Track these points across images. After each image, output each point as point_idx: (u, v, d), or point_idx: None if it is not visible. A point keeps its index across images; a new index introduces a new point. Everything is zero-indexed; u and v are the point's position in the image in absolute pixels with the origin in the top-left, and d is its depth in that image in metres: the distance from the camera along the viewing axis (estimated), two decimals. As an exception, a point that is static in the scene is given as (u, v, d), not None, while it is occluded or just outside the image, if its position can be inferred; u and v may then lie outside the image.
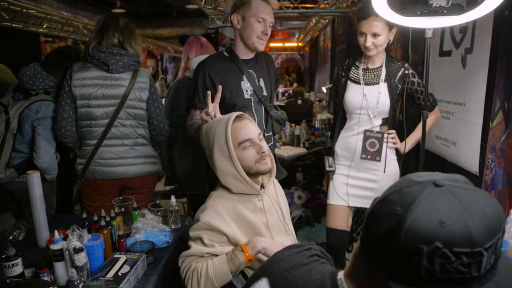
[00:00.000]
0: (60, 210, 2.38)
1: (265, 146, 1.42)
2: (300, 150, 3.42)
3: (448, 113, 2.26)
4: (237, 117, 1.43)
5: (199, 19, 8.94)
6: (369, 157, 2.02)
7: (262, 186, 1.49)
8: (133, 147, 2.09)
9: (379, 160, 2.02)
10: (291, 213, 3.48)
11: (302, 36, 9.27)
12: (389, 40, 1.96)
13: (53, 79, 2.20)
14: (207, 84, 1.86)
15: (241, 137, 1.37)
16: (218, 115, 1.60)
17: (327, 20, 6.25)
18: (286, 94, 7.98)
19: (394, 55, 3.18)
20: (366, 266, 0.64)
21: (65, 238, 1.32)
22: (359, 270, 0.68)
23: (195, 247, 1.34)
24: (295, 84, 8.66)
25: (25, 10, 5.21)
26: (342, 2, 4.19)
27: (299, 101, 5.14)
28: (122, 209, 1.71)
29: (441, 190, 0.57)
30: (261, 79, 1.96)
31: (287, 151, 3.37)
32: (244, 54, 1.92)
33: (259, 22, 1.82)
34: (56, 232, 1.34)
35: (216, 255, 1.34)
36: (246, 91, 1.90)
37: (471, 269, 0.54)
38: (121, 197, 1.78)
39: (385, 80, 2.00)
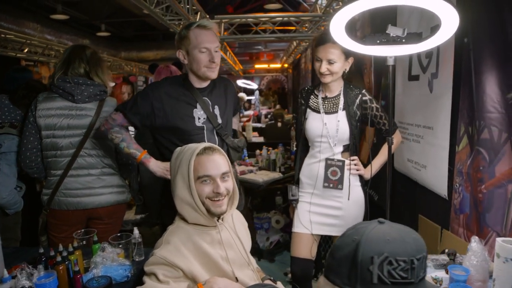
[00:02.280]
0: (26, 242, 2.30)
1: (223, 188, 1.38)
2: (276, 175, 3.42)
3: (418, 137, 2.28)
4: (208, 149, 1.40)
5: (184, 42, 9.03)
6: (331, 185, 2.01)
7: (219, 218, 1.45)
8: (99, 177, 2.06)
9: (341, 188, 2.00)
10: (268, 238, 3.45)
11: (285, 58, 9.41)
12: (345, 69, 1.99)
13: (20, 113, 2.17)
14: (155, 106, 1.84)
15: (202, 171, 1.36)
16: None
17: (307, 43, 6.36)
18: (269, 116, 8.03)
19: (367, 79, 3.23)
20: None
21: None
22: None
23: (149, 283, 1.29)
24: (278, 106, 8.73)
25: (3, 36, 5.20)
26: (320, 26, 4.27)
27: (279, 124, 5.15)
28: (84, 242, 1.65)
29: (383, 224, 0.79)
30: (216, 107, 1.94)
31: (262, 176, 3.35)
32: (198, 83, 1.91)
33: (203, 52, 1.80)
34: (5, 271, 1.28)
35: None
36: (199, 118, 1.88)
37: (409, 274, 0.72)
38: (83, 230, 1.73)
39: (344, 108, 2.02)
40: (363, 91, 2.05)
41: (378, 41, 1.55)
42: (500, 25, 1.56)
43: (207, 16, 4.18)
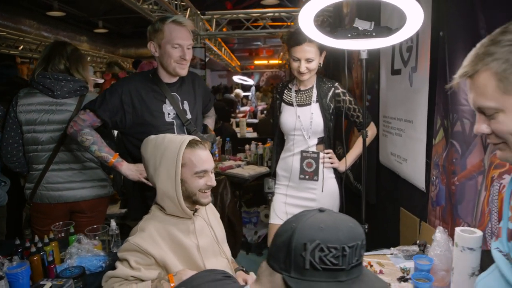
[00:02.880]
0: (11, 235, 2.35)
1: (214, 181, 1.46)
2: (263, 169, 3.43)
3: (400, 130, 2.30)
4: (191, 142, 1.43)
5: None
6: (307, 177, 2.05)
7: (195, 211, 1.50)
8: (81, 171, 2.10)
9: (317, 180, 2.04)
10: (256, 232, 3.48)
11: (282, 53, 9.42)
12: (320, 63, 2.02)
13: (2, 109, 2.20)
14: (125, 101, 1.83)
15: (200, 167, 1.40)
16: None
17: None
18: (265, 112, 8.05)
19: (355, 74, 3.25)
20: (269, 275, 0.81)
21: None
22: (263, 279, 0.83)
23: (121, 268, 1.33)
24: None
25: (-3, 33, 5.24)
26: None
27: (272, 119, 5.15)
28: (62, 235, 1.70)
29: (323, 212, 0.81)
30: (185, 102, 1.95)
31: (249, 171, 3.38)
32: (168, 78, 1.92)
33: (176, 48, 1.81)
34: (-23, 261, 1.32)
35: (141, 280, 1.33)
36: (168, 114, 1.89)
37: (339, 261, 0.74)
38: (61, 222, 1.78)
39: (317, 101, 2.05)
40: (336, 84, 2.08)
41: (349, 35, 1.58)
42: (472, 19, 1.58)
43: (198, 12, 4.20)
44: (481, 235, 1.20)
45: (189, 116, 1.95)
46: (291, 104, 2.09)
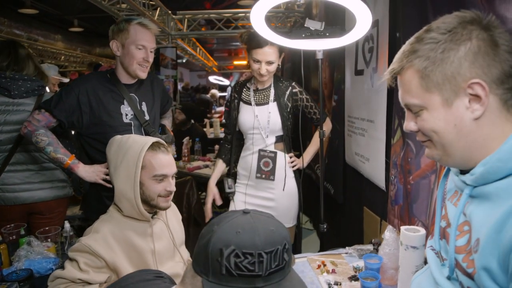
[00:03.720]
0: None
1: (174, 186, 1.44)
2: (232, 169, 3.39)
3: (363, 130, 2.33)
4: (155, 145, 1.41)
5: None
6: (263, 176, 2.06)
7: (155, 213, 1.48)
8: (39, 172, 2.06)
9: (273, 179, 2.05)
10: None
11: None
12: (279, 64, 2.03)
13: None
14: (82, 101, 1.80)
15: (160, 170, 1.38)
16: None
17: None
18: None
19: (324, 75, 3.28)
20: (192, 276, 0.79)
21: None
22: (186, 280, 0.81)
23: (69, 269, 1.30)
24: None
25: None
26: (283, 22, 4.29)
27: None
28: (13, 237, 1.66)
29: (246, 215, 0.77)
30: (143, 103, 1.94)
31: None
32: (126, 79, 1.90)
33: (139, 49, 1.80)
34: None
35: (89, 283, 1.31)
36: (126, 115, 1.87)
37: (255, 268, 0.71)
38: (12, 225, 1.73)
39: (274, 100, 2.06)
40: (293, 83, 2.11)
41: (303, 35, 1.58)
42: (425, 20, 1.61)
43: (169, 12, 4.17)
44: (424, 234, 1.21)
45: (147, 117, 1.94)
46: (249, 103, 2.10)
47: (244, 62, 11.90)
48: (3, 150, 1.99)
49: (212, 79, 10.94)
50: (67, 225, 1.68)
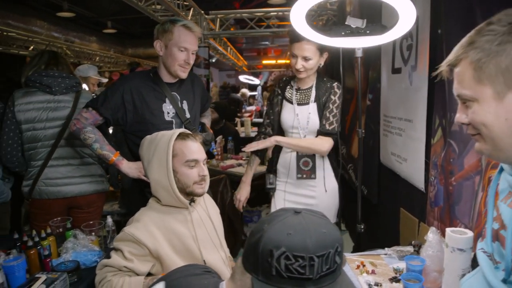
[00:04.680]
0: (14, 231, 2.38)
1: (207, 171, 1.49)
2: (264, 168, 3.39)
3: (400, 130, 2.28)
4: (184, 134, 1.49)
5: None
6: (304, 176, 2.06)
7: (193, 200, 1.52)
8: (79, 167, 2.14)
9: (315, 178, 2.04)
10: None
11: (289, 53, 9.41)
12: (320, 64, 2.01)
13: (3, 106, 2.25)
14: (126, 99, 1.86)
15: (190, 155, 1.44)
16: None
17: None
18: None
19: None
20: (241, 273, 0.80)
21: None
22: (236, 276, 0.82)
23: (115, 258, 1.35)
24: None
25: (5, 33, 5.33)
26: (316, 20, 4.27)
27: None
28: (60, 230, 1.73)
29: (297, 215, 0.76)
30: (184, 102, 1.98)
31: (251, 169, 3.33)
32: (168, 78, 1.94)
33: (181, 51, 1.84)
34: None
35: (134, 272, 1.35)
36: (168, 113, 1.92)
37: (306, 271, 0.71)
38: (59, 218, 1.81)
39: (315, 101, 2.05)
40: (335, 85, 2.07)
41: (342, 33, 1.57)
42: (470, 16, 1.56)
43: (202, 12, 4.22)
44: (471, 236, 1.18)
45: (188, 115, 1.98)
46: (291, 102, 2.10)
47: (273, 62, 11.93)
48: (46, 145, 2.08)
49: (243, 78, 10.98)
50: (109, 219, 1.74)
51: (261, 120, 7.61)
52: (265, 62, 11.89)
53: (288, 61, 11.45)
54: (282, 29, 4.44)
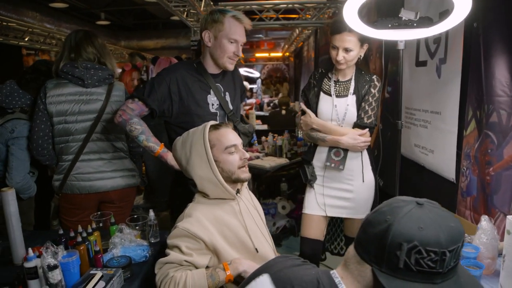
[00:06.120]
0: (38, 226, 2.34)
1: (247, 154, 1.49)
2: (282, 161, 3.46)
3: (426, 122, 2.31)
4: (215, 125, 1.49)
5: (184, 30, 8.99)
6: (332, 165, 2.06)
7: (238, 191, 1.53)
8: (111, 161, 2.10)
9: (342, 169, 2.05)
10: (275, 223, 3.50)
11: (287, 46, 9.40)
12: (360, 55, 2.02)
13: (30, 97, 2.18)
14: (172, 90, 1.83)
15: (228, 142, 1.44)
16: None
17: (310, 31, 6.35)
18: (272, 104, 8.03)
19: (373, 66, 3.25)
20: (358, 263, 0.80)
21: (40, 255, 1.31)
22: (351, 266, 0.82)
23: (173, 254, 1.34)
24: (280, 95, 8.73)
25: (5, 23, 5.17)
26: (324, 13, 4.27)
27: (283, 111, 5.19)
28: (100, 224, 1.70)
29: (421, 207, 0.77)
30: (227, 93, 1.98)
31: (269, 162, 3.39)
32: (212, 69, 1.93)
33: (232, 43, 1.82)
34: (30, 250, 1.32)
35: (194, 265, 1.35)
36: (212, 105, 1.91)
37: (437, 265, 0.72)
38: (99, 212, 1.78)
39: (354, 93, 2.06)
40: (374, 78, 2.08)
41: (389, 25, 1.58)
42: (510, 10, 1.59)
43: (211, 3, 4.18)
44: (533, 223, 1.21)
45: (231, 107, 1.97)
46: (329, 94, 2.10)
47: (266, 55, 11.88)
48: (77, 139, 2.03)
49: (242, 71, 10.92)
50: (151, 213, 1.72)
51: (261, 113, 7.68)
52: (258, 55, 11.83)
53: (282, 54, 11.48)
54: (292, 21, 4.44)
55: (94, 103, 2.04)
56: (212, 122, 1.50)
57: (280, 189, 3.89)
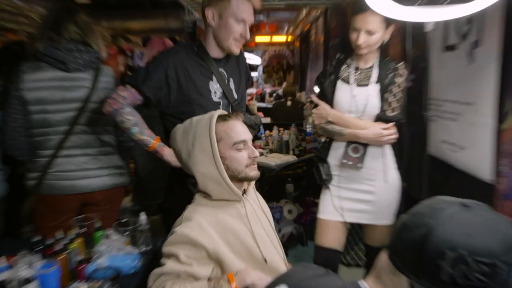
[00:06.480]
0: (8, 233, 2.29)
1: (257, 152, 1.47)
2: (289, 158, 3.44)
3: (456, 115, 2.27)
4: (223, 115, 1.46)
5: (175, 10, 8.91)
6: (350, 162, 2.04)
7: (244, 192, 1.50)
8: (96, 157, 2.08)
9: (361, 167, 2.03)
10: (280, 230, 3.48)
11: (291, 29, 9.35)
12: (384, 39, 2.00)
13: (1, 83, 2.13)
14: (170, 76, 1.80)
15: (237, 137, 1.41)
16: None
17: (319, 12, 6.30)
18: (274, 95, 8.01)
19: (393, 51, 3.21)
20: (391, 273, 0.79)
21: (12, 266, 1.28)
22: (384, 276, 0.81)
23: (170, 264, 1.31)
24: (284, 84, 8.69)
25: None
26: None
27: (289, 102, 5.16)
28: (83, 230, 1.67)
29: (468, 210, 0.75)
30: (231, 80, 1.95)
31: (275, 159, 3.37)
32: (215, 53, 1.90)
33: (239, 23, 1.79)
34: (3, 259, 1.29)
35: (195, 277, 1.32)
36: (215, 93, 1.88)
37: (491, 280, 0.68)
38: (82, 216, 1.75)
39: (377, 81, 2.03)
40: (400, 66, 2.06)
41: (418, 2, 1.53)
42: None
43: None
44: None
45: (235, 95, 1.95)
46: (347, 82, 2.08)
47: (267, 39, 11.80)
48: (58, 132, 1.99)
49: (243, 58, 10.87)
50: (143, 216, 1.69)
51: (263, 104, 7.64)
52: (258, 39, 11.75)
53: (286, 38, 11.42)
54: (300, 1, 4.39)
55: (78, 90, 2.00)
56: (220, 111, 1.48)
57: (286, 190, 3.87)
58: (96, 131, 2.06)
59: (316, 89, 2.25)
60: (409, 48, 2.91)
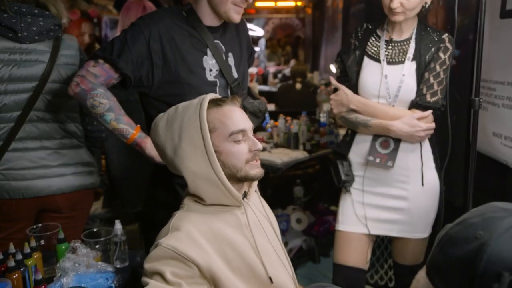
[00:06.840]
0: None
1: (260, 144, 1.47)
2: (299, 154, 3.46)
3: (512, 100, 2.28)
4: (216, 99, 1.46)
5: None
6: (378, 160, 2.05)
7: (245, 195, 1.51)
8: (58, 151, 2.08)
9: (391, 166, 2.04)
10: (286, 243, 3.50)
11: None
12: (425, 3, 1.97)
13: None
14: (153, 48, 1.79)
15: (234, 125, 1.41)
16: None
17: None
18: (280, 76, 8.00)
19: (433, 19, 3.21)
20: None
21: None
22: None
23: (153, 284, 1.30)
24: (292, 62, 8.70)
25: None
26: None
27: (298, 85, 5.17)
28: (42, 242, 1.69)
29: None
30: (230, 55, 1.96)
31: (280, 156, 3.38)
32: (210, 20, 1.90)
33: None
34: None
35: None
36: (210, 70, 1.88)
37: None
38: (40, 225, 1.77)
39: (414, 58, 2.03)
40: (445, 36, 2.04)
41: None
42: None
43: None
44: None
45: (235, 74, 1.95)
46: (376, 59, 2.08)
47: (272, 4, 11.84)
48: (7, 119, 1.99)
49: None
50: (118, 225, 1.71)
51: (265, 88, 7.63)
52: (259, 4, 11.80)
53: (294, 4, 11.44)
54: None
55: (33, 65, 2.00)
56: (212, 95, 1.47)
57: (294, 195, 3.89)
58: (57, 118, 2.06)
59: (334, 69, 2.25)
60: (455, 15, 2.91)
